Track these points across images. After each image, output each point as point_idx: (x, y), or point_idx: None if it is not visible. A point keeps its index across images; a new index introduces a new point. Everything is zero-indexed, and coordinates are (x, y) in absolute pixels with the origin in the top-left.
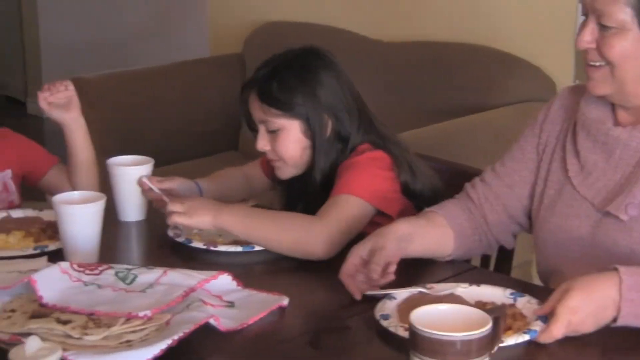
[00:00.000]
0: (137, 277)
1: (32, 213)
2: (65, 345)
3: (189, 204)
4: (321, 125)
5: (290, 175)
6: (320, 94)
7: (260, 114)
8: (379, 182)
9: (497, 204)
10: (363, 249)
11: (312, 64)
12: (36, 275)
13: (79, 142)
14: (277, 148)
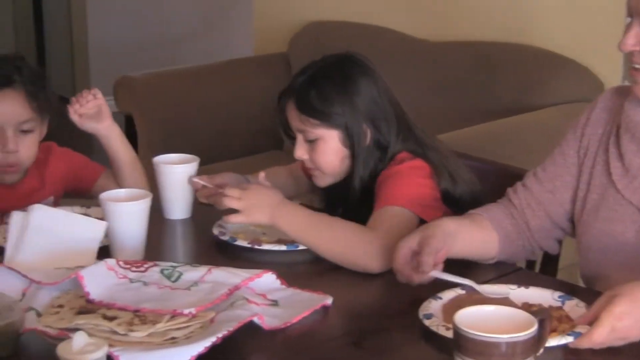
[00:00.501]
0: (182, 274)
1: (81, 210)
2: (110, 341)
3: (249, 202)
4: (360, 134)
5: (328, 183)
6: (358, 103)
7: (298, 123)
8: (422, 191)
9: (539, 210)
10: (412, 240)
11: (350, 71)
12: (83, 272)
13: (117, 148)
14: (315, 158)
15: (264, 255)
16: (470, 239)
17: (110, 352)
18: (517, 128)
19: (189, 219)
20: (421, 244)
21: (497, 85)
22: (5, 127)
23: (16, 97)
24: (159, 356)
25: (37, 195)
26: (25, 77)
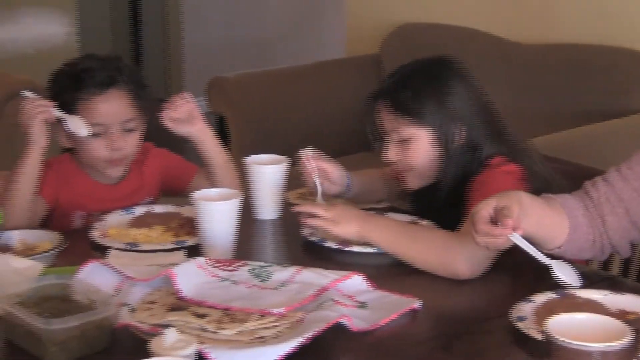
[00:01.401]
0: (272, 274)
1: (173, 209)
2: (200, 338)
3: (337, 212)
4: (452, 134)
5: (418, 186)
6: (451, 103)
7: (390, 123)
8: None
9: (619, 207)
10: (489, 205)
11: (444, 72)
12: (175, 269)
13: (210, 150)
14: (407, 158)
15: (352, 257)
16: (542, 217)
17: (199, 349)
18: (610, 132)
19: (279, 219)
20: (497, 209)
21: (589, 88)
22: (110, 126)
23: (121, 96)
24: (247, 354)
25: (136, 196)
26: (128, 77)
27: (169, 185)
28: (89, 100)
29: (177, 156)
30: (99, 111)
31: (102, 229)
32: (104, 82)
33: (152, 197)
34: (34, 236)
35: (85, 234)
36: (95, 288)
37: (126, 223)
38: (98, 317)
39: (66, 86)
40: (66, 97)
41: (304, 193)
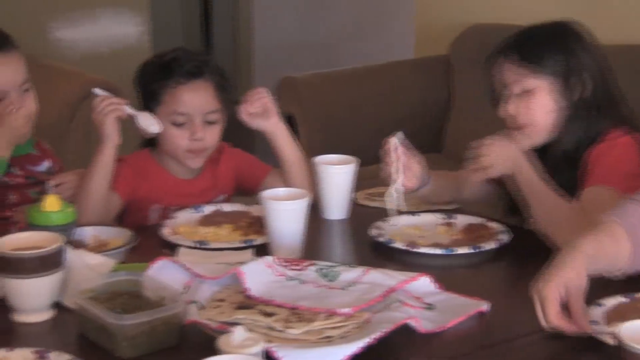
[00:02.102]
0: (339, 274)
1: (241, 207)
2: (268, 337)
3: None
4: (574, 87)
5: (531, 146)
6: (575, 56)
7: (513, 74)
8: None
9: None
10: (558, 288)
11: (568, 29)
12: (244, 268)
13: (284, 146)
14: (528, 111)
15: (420, 258)
16: (606, 259)
17: (267, 347)
18: None
19: (347, 219)
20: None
21: None
22: (194, 116)
23: (206, 87)
24: (314, 354)
25: (209, 193)
26: (214, 70)
27: (242, 184)
28: (175, 88)
29: (251, 156)
30: (184, 100)
31: (172, 226)
32: (191, 71)
33: (225, 195)
34: (106, 233)
35: (156, 231)
36: (164, 285)
37: (196, 221)
38: (167, 313)
39: (154, 75)
40: (154, 86)
41: (372, 193)
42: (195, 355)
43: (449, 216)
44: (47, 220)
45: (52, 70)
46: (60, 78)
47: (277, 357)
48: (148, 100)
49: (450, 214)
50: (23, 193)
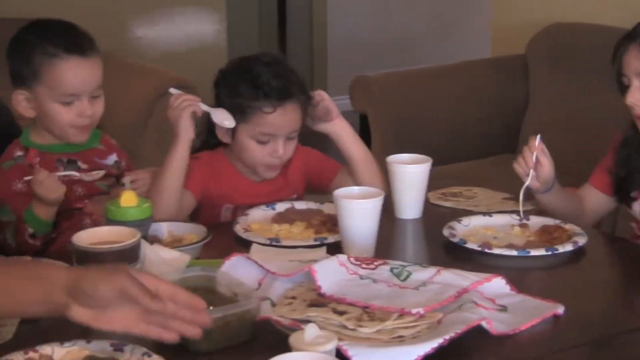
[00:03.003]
0: (412, 274)
1: (314, 205)
2: (340, 335)
3: None
4: None
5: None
6: None
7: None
8: None
9: None
10: None
11: None
12: (316, 266)
13: (350, 145)
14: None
15: (494, 259)
16: None
17: (339, 345)
18: None
19: (420, 219)
20: None
21: None
22: (279, 136)
23: (294, 109)
24: (386, 353)
25: (281, 192)
26: (300, 89)
27: (313, 183)
28: (270, 112)
29: (321, 154)
30: (271, 123)
31: (246, 223)
32: (280, 96)
33: (296, 195)
34: (181, 228)
35: (230, 227)
36: (238, 281)
37: (269, 218)
38: (240, 309)
39: (245, 93)
40: (244, 103)
41: (445, 193)
42: (268, 351)
43: (523, 217)
44: (124, 216)
45: (130, 68)
46: (138, 76)
47: (349, 356)
48: (234, 112)
49: (525, 215)
50: (90, 185)
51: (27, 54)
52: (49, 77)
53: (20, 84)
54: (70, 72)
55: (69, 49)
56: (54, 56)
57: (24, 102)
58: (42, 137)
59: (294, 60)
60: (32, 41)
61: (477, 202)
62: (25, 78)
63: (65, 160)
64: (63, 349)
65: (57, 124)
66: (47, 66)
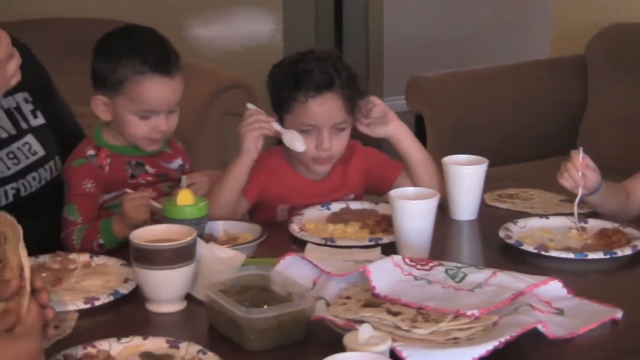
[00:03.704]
0: (467, 276)
1: (369, 206)
2: (394, 335)
3: None
4: None
5: None
6: None
7: None
8: None
9: None
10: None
11: None
12: (371, 266)
13: (408, 148)
14: None
15: (550, 262)
16: None
17: (393, 346)
18: None
19: (476, 220)
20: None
21: None
22: (322, 128)
23: (335, 100)
24: (441, 355)
25: (339, 192)
26: (344, 81)
27: (373, 184)
28: (304, 102)
29: (383, 154)
30: (312, 113)
31: (301, 223)
32: (321, 85)
33: (353, 195)
34: (237, 227)
35: (285, 227)
36: (292, 280)
37: (324, 218)
38: (295, 309)
39: (285, 85)
40: (284, 95)
41: (502, 195)
42: (321, 351)
43: (581, 220)
44: (180, 214)
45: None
46: (195, 75)
47: (403, 357)
48: (277, 107)
49: (582, 218)
50: (155, 188)
51: (114, 64)
52: (132, 91)
53: (101, 87)
54: (154, 90)
55: (157, 67)
56: (140, 73)
57: (102, 106)
58: (115, 138)
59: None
60: (121, 52)
61: (533, 204)
62: (108, 85)
63: (134, 163)
64: (120, 345)
65: (131, 134)
66: (132, 81)
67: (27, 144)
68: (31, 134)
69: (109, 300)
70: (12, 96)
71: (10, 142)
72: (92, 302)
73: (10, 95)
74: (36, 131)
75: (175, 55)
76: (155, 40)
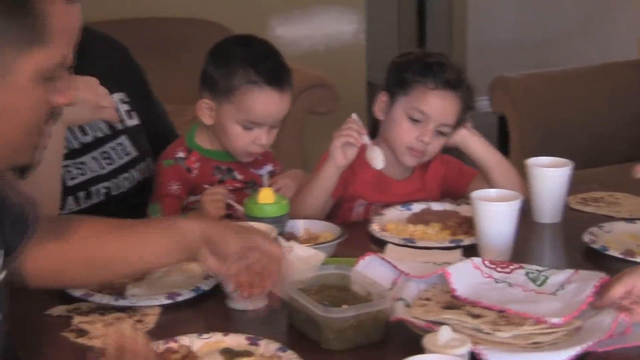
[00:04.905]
0: (548, 278)
1: (450, 207)
2: (475, 338)
3: None
4: None
5: None
6: None
7: None
8: None
9: None
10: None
11: None
12: (450, 269)
13: (479, 152)
14: None
15: None
16: None
17: (473, 349)
18: None
19: (559, 223)
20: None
21: None
22: (430, 120)
23: (454, 101)
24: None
25: (415, 195)
26: (465, 90)
27: (449, 189)
28: (428, 90)
29: (458, 161)
30: (430, 103)
31: (381, 223)
32: (450, 81)
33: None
34: (318, 226)
35: (364, 226)
36: (372, 280)
37: (404, 219)
38: (374, 309)
39: (416, 68)
40: (408, 77)
41: (586, 198)
42: (400, 352)
43: None
44: (261, 212)
45: None
46: None
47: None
48: (394, 86)
49: None
50: (241, 194)
51: (229, 71)
52: (242, 101)
53: (210, 91)
54: (264, 103)
55: (270, 80)
56: (253, 83)
57: (207, 111)
58: (208, 141)
59: None
60: (237, 60)
61: (619, 208)
62: (219, 90)
63: (224, 169)
64: (201, 340)
65: (231, 144)
66: (243, 90)
67: (121, 144)
68: (125, 135)
69: (191, 296)
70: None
71: (105, 142)
72: (174, 297)
73: None
74: (130, 132)
75: (287, 70)
76: (270, 53)
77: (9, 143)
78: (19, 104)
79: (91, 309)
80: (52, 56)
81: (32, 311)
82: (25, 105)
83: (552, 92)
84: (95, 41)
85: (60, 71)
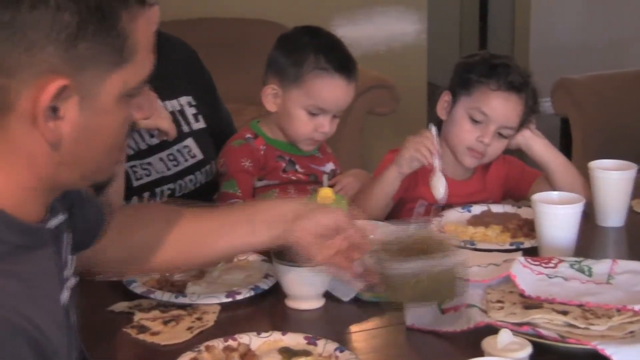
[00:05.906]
0: (592, 268)
1: (511, 209)
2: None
3: None
4: None
5: None
6: None
7: None
8: None
9: None
10: None
11: None
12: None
13: (542, 153)
14: None
15: None
16: None
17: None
18: None
19: (622, 227)
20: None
21: None
22: (491, 123)
23: (518, 104)
24: None
25: (477, 195)
26: (530, 94)
27: (511, 191)
28: (491, 91)
29: (520, 162)
30: (492, 104)
31: (441, 224)
32: (514, 83)
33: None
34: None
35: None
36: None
37: (464, 220)
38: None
39: (480, 69)
40: (472, 78)
41: None
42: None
43: None
44: None
45: None
46: None
47: (607, 355)
48: (458, 86)
49: None
50: (302, 188)
51: (300, 57)
52: (311, 86)
53: (278, 77)
54: (332, 89)
55: (339, 68)
56: (324, 69)
57: (272, 97)
58: (271, 131)
59: None
60: (309, 47)
61: None
62: (288, 75)
63: (286, 159)
64: (260, 339)
65: (295, 129)
66: (313, 75)
67: (187, 147)
68: (191, 138)
69: (250, 295)
70: (177, 99)
71: (171, 144)
72: (234, 296)
73: (175, 99)
74: (196, 135)
75: (354, 62)
76: (339, 43)
77: (95, 163)
78: (106, 125)
79: (152, 305)
80: (137, 74)
81: (96, 306)
82: (112, 126)
83: (615, 93)
84: (167, 43)
85: (142, 87)
